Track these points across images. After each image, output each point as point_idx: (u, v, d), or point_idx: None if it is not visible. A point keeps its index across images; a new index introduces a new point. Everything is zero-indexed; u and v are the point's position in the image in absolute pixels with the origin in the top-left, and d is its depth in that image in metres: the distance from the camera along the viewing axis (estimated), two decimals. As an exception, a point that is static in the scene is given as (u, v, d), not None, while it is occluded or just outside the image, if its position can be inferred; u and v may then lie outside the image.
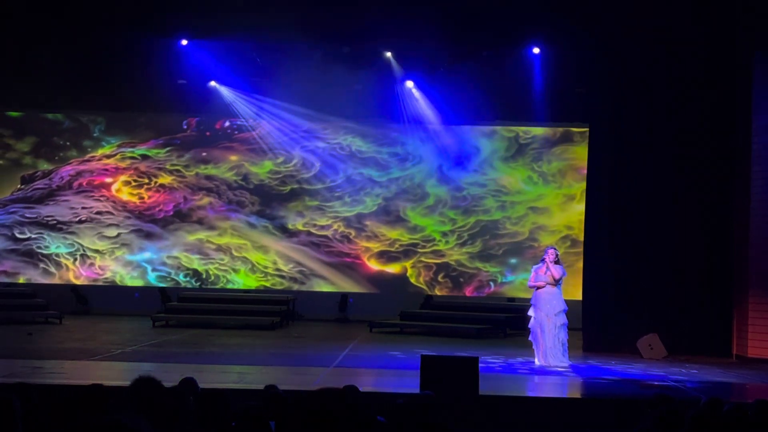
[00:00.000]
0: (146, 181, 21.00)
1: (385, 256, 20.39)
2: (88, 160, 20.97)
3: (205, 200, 20.71)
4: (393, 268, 20.39)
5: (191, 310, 17.58)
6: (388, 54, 17.71)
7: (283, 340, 15.00)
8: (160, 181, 20.93)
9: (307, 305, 18.73)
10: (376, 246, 20.36)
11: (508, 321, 16.62)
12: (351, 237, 20.46)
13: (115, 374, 10.10)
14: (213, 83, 18.78)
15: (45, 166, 20.82)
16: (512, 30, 16.02)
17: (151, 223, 20.76)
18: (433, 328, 16.54)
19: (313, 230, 20.54)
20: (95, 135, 20.96)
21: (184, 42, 17.48)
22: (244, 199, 20.81)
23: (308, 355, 12.93)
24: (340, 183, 20.70)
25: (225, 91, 19.04)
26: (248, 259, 20.62)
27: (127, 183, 20.91)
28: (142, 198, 20.82)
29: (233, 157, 20.85)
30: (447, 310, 17.51)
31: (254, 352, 13.02)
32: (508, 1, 15.37)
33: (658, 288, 14.01)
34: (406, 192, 20.46)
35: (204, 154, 20.88)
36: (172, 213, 20.81)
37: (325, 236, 20.53)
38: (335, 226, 20.50)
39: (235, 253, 20.60)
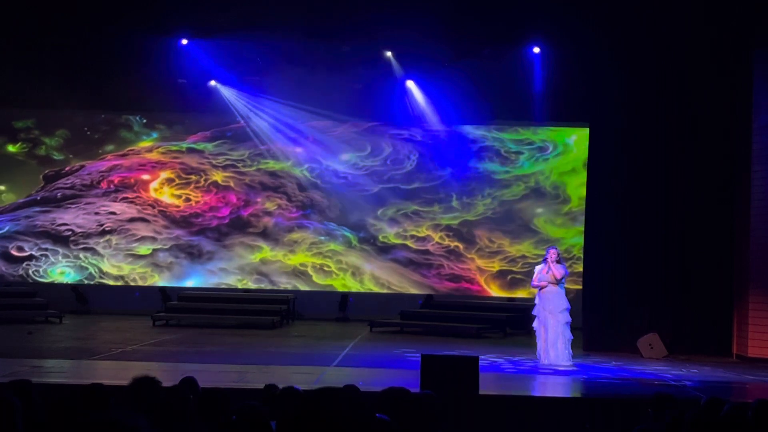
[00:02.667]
0: (194, 178, 16.90)
1: (507, 279, 16.47)
2: (125, 155, 17.33)
3: (271, 204, 16.79)
4: (521, 295, 16.35)
5: (191, 310, 17.53)
6: (389, 53, 17.66)
7: (283, 340, 14.99)
8: (213, 178, 16.91)
9: (308, 305, 18.52)
10: (493, 265, 16.52)
11: (509, 320, 16.61)
12: (460, 252, 16.58)
13: (116, 373, 10.08)
14: (213, 82, 18.71)
15: (76, 162, 17.68)
16: (512, 29, 15.99)
17: (199, 236, 16.66)
18: (434, 327, 16.52)
19: (410, 243, 16.65)
20: (135, 128, 17.61)
21: (184, 41, 17.46)
22: (319, 202, 16.83)
23: (308, 354, 12.92)
24: (444, 181, 16.74)
25: (225, 90, 18.87)
26: (334, 289, 16.86)
27: (169, 181, 16.97)
28: (189, 200, 16.81)
29: (299, 150, 17.04)
30: (447, 309, 17.47)
31: (254, 352, 13.01)
32: (509, 1, 15.36)
33: (658, 287, 14.02)
34: (538, 192, 16.56)
35: (264, 147, 17.06)
36: (228, 221, 16.72)
37: (426, 251, 16.61)
38: (437, 238, 16.60)
39: (316, 279, 16.90)
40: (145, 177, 17.11)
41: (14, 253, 17.10)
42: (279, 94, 18.34)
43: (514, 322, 16.60)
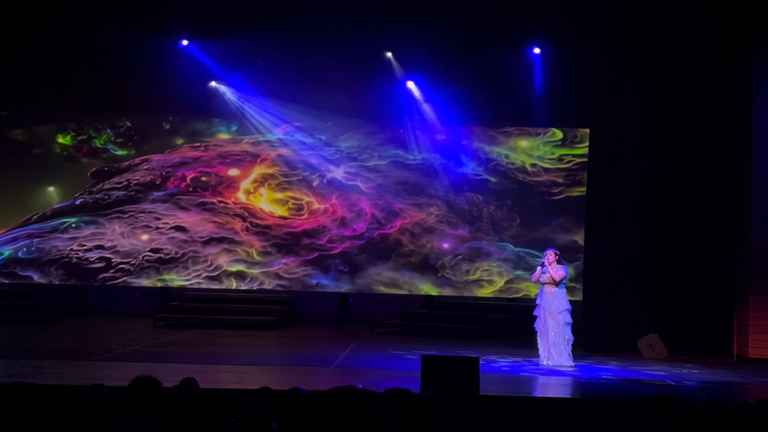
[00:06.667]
0: (303, 174, 11.95)
1: None
2: (200, 146, 12.89)
3: (426, 215, 11.76)
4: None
5: (192, 310, 17.51)
6: (389, 54, 17.55)
7: (283, 340, 14.99)
8: (331, 174, 11.94)
9: (308, 305, 18.42)
10: None
11: (509, 321, 16.59)
12: None
13: (116, 374, 10.08)
14: (213, 83, 18.60)
15: (138, 157, 13.57)
16: (512, 30, 15.92)
17: (317, 266, 11.56)
18: (434, 328, 16.50)
19: None
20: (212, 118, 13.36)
21: (185, 42, 17.41)
22: (484, 211, 11.88)
23: (309, 355, 12.93)
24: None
25: (227, 91, 18.68)
26: None
27: (267, 178, 12.12)
28: (299, 208, 11.81)
29: (442, 136, 12.22)
30: (448, 310, 17.44)
31: (255, 352, 13.02)
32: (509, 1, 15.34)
33: (659, 288, 14.04)
34: None
35: (381, 134, 11.79)
36: (364, 241, 11.81)
37: None
38: None
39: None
40: (232, 172, 12.20)
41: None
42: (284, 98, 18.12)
43: (515, 322, 16.57)
